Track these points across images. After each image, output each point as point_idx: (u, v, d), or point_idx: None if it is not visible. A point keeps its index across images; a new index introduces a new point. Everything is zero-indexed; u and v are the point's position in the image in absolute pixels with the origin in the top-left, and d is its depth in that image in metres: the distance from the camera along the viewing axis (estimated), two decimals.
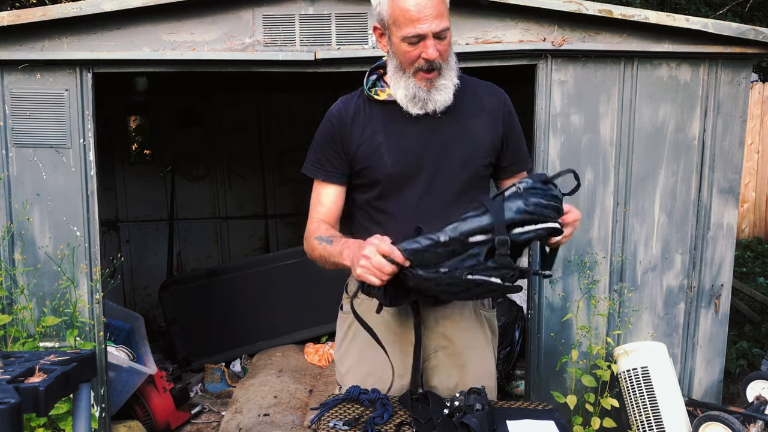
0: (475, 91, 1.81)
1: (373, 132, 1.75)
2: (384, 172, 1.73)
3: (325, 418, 1.65)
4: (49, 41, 2.73)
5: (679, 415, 2.89)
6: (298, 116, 5.62)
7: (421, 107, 1.71)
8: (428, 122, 1.74)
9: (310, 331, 4.62)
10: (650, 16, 2.80)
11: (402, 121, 1.74)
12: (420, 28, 1.60)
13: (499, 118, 1.80)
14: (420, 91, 1.68)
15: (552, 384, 3.07)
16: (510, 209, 1.44)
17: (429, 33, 1.61)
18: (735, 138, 3.02)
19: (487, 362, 1.90)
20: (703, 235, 3.06)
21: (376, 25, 1.73)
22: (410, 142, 1.74)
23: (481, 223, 1.44)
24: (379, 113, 1.77)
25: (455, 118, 1.76)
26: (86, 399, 1.84)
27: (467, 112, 1.78)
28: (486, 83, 1.85)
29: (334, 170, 1.79)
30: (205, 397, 4.23)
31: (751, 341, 4.42)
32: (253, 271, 4.65)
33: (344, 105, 1.80)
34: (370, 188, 1.78)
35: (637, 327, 3.10)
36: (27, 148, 2.81)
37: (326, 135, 1.79)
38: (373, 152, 1.74)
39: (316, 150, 1.81)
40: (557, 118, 2.94)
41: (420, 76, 1.67)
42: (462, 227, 1.45)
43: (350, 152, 1.76)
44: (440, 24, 1.61)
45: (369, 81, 1.80)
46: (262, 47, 2.81)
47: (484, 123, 1.78)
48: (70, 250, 2.81)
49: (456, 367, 1.84)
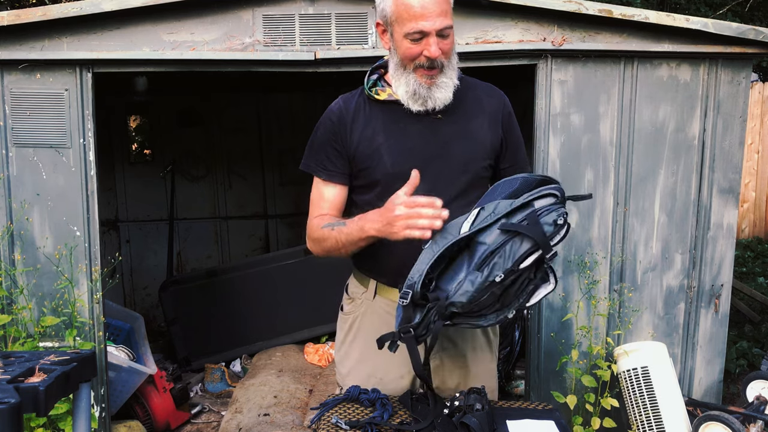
0: (475, 92, 1.80)
1: (373, 132, 1.74)
2: (384, 173, 1.72)
3: (325, 417, 1.65)
4: (49, 41, 2.73)
5: (679, 415, 2.89)
6: (298, 116, 5.62)
7: (422, 104, 1.69)
8: (429, 123, 1.73)
9: (310, 331, 4.62)
10: (650, 16, 2.80)
11: (402, 122, 1.73)
12: (423, 24, 1.59)
13: (499, 119, 1.80)
14: (421, 88, 1.67)
15: (552, 384, 3.07)
16: (546, 223, 1.44)
17: (432, 30, 1.60)
18: (735, 138, 3.02)
19: (488, 363, 1.90)
20: (703, 235, 3.06)
21: (378, 21, 1.72)
22: (411, 142, 1.73)
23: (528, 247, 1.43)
24: (379, 113, 1.76)
25: (455, 119, 1.75)
26: (86, 399, 1.83)
27: (467, 113, 1.77)
28: (485, 84, 1.85)
29: (336, 170, 1.77)
30: (205, 397, 4.23)
31: (751, 341, 4.42)
32: (253, 271, 4.65)
33: (344, 103, 1.79)
34: (369, 189, 1.76)
35: (637, 327, 3.10)
36: (27, 148, 2.81)
37: (326, 132, 1.78)
38: (372, 152, 1.73)
39: (317, 147, 1.79)
40: (557, 118, 2.94)
41: (421, 73, 1.66)
42: (515, 252, 1.43)
43: (350, 152, 1.75)
44: (443, 22, 1.60)
45: (370, 80, 1.79)
46: (262, 47, 2.81)
47: (485, 124, 1.78)
48: (68, 250, 2.81)
49: (458, 368, 1.84)
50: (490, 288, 1.43)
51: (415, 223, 1.46)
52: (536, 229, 1.42)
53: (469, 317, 1.49)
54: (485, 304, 1.46)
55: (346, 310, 1.90)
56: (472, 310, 1.46)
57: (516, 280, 1.46)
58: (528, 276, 1.48)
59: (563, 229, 1.45)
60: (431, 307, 1.46)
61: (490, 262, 1.43)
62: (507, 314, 1.51)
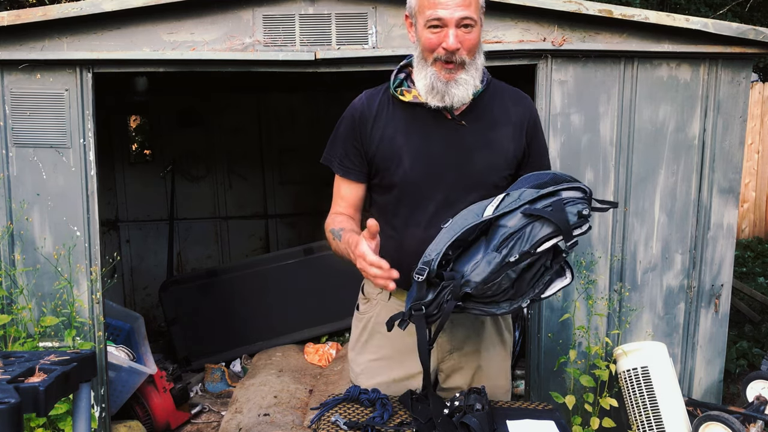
0: (502, 100, 1.76)
1: (394, 133, 1.71)
2: (402, 176, 1.69)
3: (326, 417, 1.65)
4: (49, 41, 2.73)
5: (679, 415, 2.89)
6: (298, 116, 5.61)
7: (440, 99, 1.65)
8: (452, 129, 1.70)
9: (310, 331, 4.63)
10: (650, 16, 2.80)
11: (425, 126, 1.70)
12: (441, 12, 1.57)
13: (524, 129, 1.76)
14: (438, 82, 1.63)
15: (552, 384, 3.07)
16: (571, 213, 1.44)
17: (450, 19, 1.57)
18: (735, 138, 3.02)
19: (502, 362, 1.89)
20: (703, 235, 3.06)
21: (406, 14, 1.71)
22: (432, 147, 1.69)
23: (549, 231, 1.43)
24: (402, 114, 1.72)
25: (479, 127, 1.71)
26: (86, 399, 1.83)
27: (492, 121, 1.73)
28: (513, 90, 1.81)
29: (353, 167, 1.75)
30: (205, 397, 4.23)
31: (751, 341, 4.42)
32: (253, 271, 4.65)
33: (368, 100, 1.76)
34: (387, 191, 1.74)
35: (637, 327, 3.10)
36: (27, 148, 2.81)
37: (347, 128, 1.75)
38: (392, 154, 1.70)
39: (337, 142, 1.77)
40: (557, 117, 2.94)
41: (439, 66, 1.63)
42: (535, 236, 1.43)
43: (370, 151, 1.73)
44: (463, 12, 1.57)
45: (396, 79, 1.75)
46: (262, 47, 2.81)
47: (509, 134, 1.74)
48: (67, 250, 2.81)
49: (471, 368, 1.84)
50: (506, 269, 1.42)
51: (373, 278, 1.46)
52: (560, 216, 1.42)
53: (482, 303, 1.48)
54: (499, 290, 1.45)
55: (361, 309, 1.90)
56: (486, 293, 1.45)
57: (532, 266, 1.45)
58: (544, 263, 1.46)
59: (586, 224, 1.45)
60: (446, 285, 1.45)
61: (508, 243, 1.42)
62: (521, 303, 1.49)
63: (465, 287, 1.45)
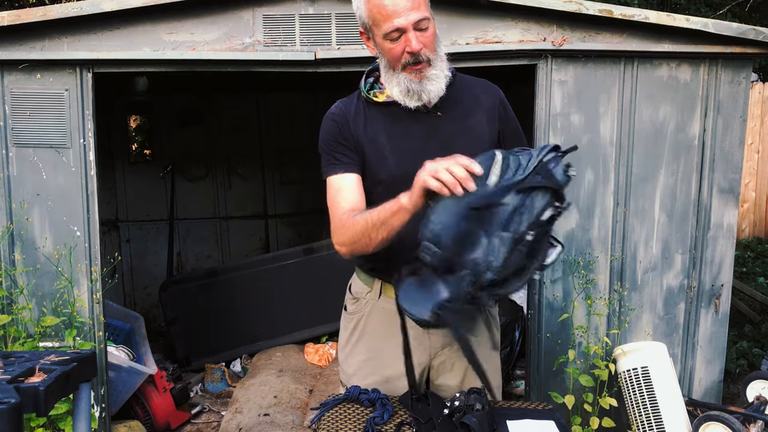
0: (471, 90, 1.82)
1: (375, 133, 1.74)
2: (388, 173, 1.72)
3: (325, 418, 1.65)
4: (49, 41, 2.73)
5: (679, 415, 2.89)
6: (298, 116, 5.61)
7: (417, 99, 1.70)
8: (429, 121, 1.74)
9: (310, 331, 4.62)
10: (650, 16, 2.80)
11: (403, 122, 1.74)
12: (397, 22, 1.59)
13: (495, 113, 1.81)
14: (412, 84, 1.67)
15: (552, 384, 3.07)
16: (558, 174, 1.48)
17: (408, 26, 1.60)
18: (735, 138, 3.02)
19: (492, 359, 1.89)
20: (703, 235, 3.06)
21: (360, 30, 1.73)
22: (413, 142, 1.73)
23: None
24: (379, 115, 1.76)
25: (455, 116, 1.76)
26: (86, 399, 1.83)
27: (466, 110, 1.78)
28: (480, 80, 1.86)
29: (351, 162, 1.75)
30: (205, 397, 4.23)
31: (751, 341, 4.42)
32: (253, 271, 4.65)
33: (344, 106, 1.80)
34: (373, 188, 1.75)
35: (636, 327, 3.10)
36: (27, 148, 2.81)
37: (332, 133, 1.76)
38: (377, 154, 1.73)
39: (327, 151, 1.77)
40: (557, 118, 2.94)
41: (409, 70, 1.66)
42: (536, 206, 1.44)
43: (359, 149, 1.74)
44: (417, 14, 1.60)
45: (367, 84, 1.79)
46: (262, 47, 2.81)
47: (483, 120, 1.79)
48: (67, 250, 2.81)
49: (462, 364, 1.84)
50: (517, 245, 1.41)
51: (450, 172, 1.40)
52: (554, 180, 1.47)
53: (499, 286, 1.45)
54: (512, 268, 1.43)
55: (350, 309, 1.90)
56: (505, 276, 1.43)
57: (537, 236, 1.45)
58: (546, 228, 1.47)
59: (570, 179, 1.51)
60: (465, 276, 1.41)
61: (514, 219, 1.42)
62: (532, 276, 1.50)
63: (486, 274, 1.41)
